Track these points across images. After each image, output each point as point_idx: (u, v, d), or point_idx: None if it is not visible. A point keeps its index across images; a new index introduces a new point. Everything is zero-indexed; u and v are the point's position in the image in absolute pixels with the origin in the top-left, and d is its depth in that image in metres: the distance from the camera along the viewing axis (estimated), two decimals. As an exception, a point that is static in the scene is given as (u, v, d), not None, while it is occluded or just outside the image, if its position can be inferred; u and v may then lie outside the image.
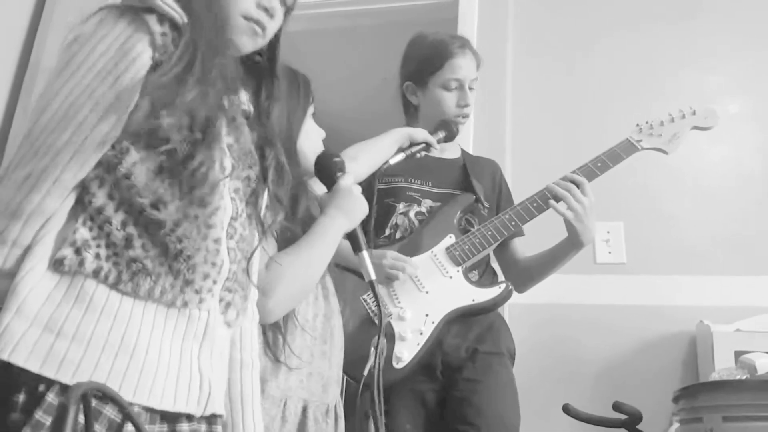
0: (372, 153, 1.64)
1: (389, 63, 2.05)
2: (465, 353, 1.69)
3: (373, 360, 1.16)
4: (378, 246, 1.59)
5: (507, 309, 2.03)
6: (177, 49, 0.91)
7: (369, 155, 1.62)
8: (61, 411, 0.80)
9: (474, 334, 1.71)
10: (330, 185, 1.31)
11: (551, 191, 1.73)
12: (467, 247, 1.73)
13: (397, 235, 1.77)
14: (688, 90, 2.36)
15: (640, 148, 1.81)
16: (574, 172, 1.76)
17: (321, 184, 1.34)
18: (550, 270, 1.84)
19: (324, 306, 1.34)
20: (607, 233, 2.25)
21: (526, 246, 1.92)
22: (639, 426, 1.51)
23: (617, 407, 1.52)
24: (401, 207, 1.80)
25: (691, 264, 2.18)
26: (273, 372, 1.22)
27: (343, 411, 1.38)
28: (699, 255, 2.19)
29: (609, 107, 2.40)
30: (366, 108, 3.46)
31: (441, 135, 1.78)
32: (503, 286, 1.70)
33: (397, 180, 1.81)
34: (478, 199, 1.83)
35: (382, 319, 1.19)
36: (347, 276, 1.48)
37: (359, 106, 3.61)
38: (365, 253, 1.24)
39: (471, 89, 1.85)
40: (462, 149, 2.00)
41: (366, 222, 1.31)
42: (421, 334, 1.63)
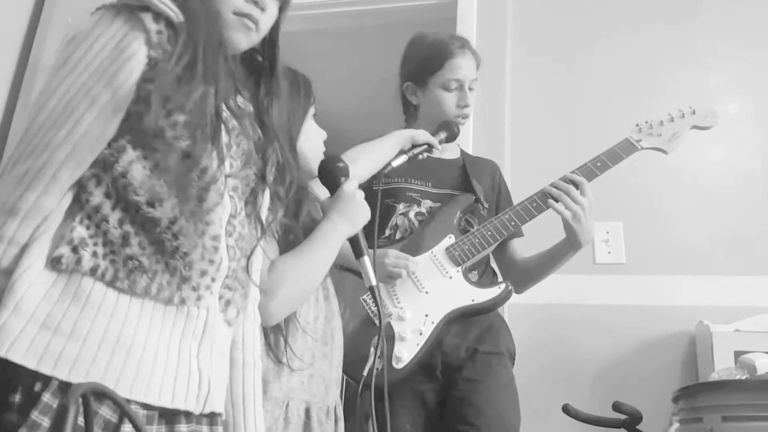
0: (373, 155, 1.64)
1: (388, 63, 2.05)
2: (465, 353, 1.69)
3: (373, 360, 1.16)
4: (378, 246, 1.58)
5: (506, 309, 2.03)
6: (175, 48, 0.91)
7: (370, 157, 1.62)
8: (61, 412, 0.80)
9: (474, 334, 1.71)
10: (333, 190, 1.31)
11: (549, 192, 1.73)
12: (467, 248, 1.73)
13: (397, 236, 1.77)
14: (688, 90, 2.36)
15: (639, 147, 1.81)
16: (573, 172, 1.76)
17: (321, 185, 1.34)
18: (548, 270, 1.84)
19: (325, 308, 1.34)
20: (607, 233, 2.25)
21: (525, 246, 1.92)
22: (639, 426, 1.51)
23: (617, 407, 1.53)
24: (401, 207, 1.80)
25: (691, 264, 2.18)
26: (275, 373, 1.22)
27: (343, 412, 1.38)
28: (698, 255, 2.19)
29: (609, 107, 2.40)
30: (366, 108, 3.46)
31: (442, 136, 1.78)
32: (503, 286, 1.70)
33: (397, 180, 1.81)
34: (477, 200, 1.83)
35: (382, 323, 1.19)
36: (347, 276, 1.48)
37: (359, 106, 3.61)
38: (366, 259, 1.24)
39: (471, 89, 1.85)
40: (461, 149, 2.00)
41: (370, 224, 1.32)
42: (421, 334, 1.63)
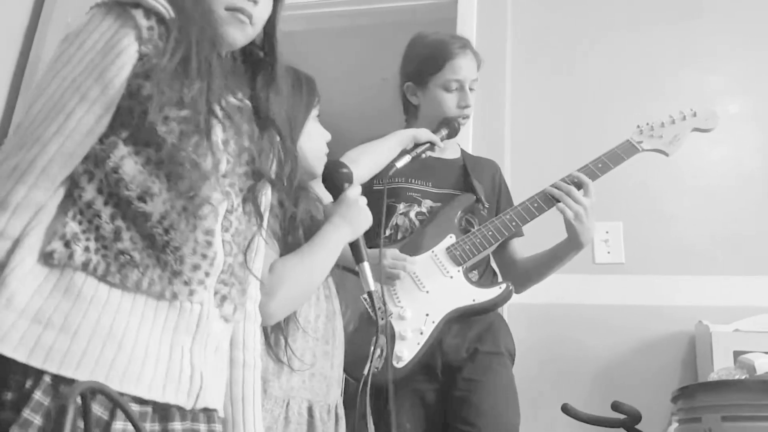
0: (374, 155, 1.64)
1: (389, 63, 2.05)
2: (465, 353, 1.69)
3: (374, 360, 1.16)
4: (378, 247, 1.59)
5: (506, 309, 2.02)
6: (167, 44, 0.92)
7: (371, 157, 1.62)
8: (60, 411, 0.80)
9: (474, 333, 1.71)
10: (337, 195, 1.32)
11: (551, 192, 1.73)
12: (468, 247, 1.73)
13: (398, 236, 1.77)
14: (688, 90, 2.37)
15: (640, 149, 1.81)
16: (576, 172, 1.75)
17: (322, 186, 1.35)
18: (548, 271, 1.84)
19: (326, 306, 1.34)
20: (606, 233, 2.25)
21: (524, 246, 1.92)
22: (638, 426, 1.51)
23: (616, 407, 1.53)
24: (401, 207, 1.79)
25: (690, 264, 2.18)
26: (275, 372, 1.22)
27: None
28: (698, 255, 2.19)
29: (608, 107, 2.40)
30: (366, 108, 3.46)
31: (444, 133, 1.78)
32: (504, 286, 1.71)
33: (398, 180, 1.80)
34: (478, 200, 1.83)
35: (379, 327, 1.19)
36: (348, 276, 1.48)
37: (359, 106, 3.61)
38: (366, 265, 1.26)
39: (471, 90, 1.84)
40: (462, 149, 2.00)
41: (374, 224, 1.33)
42: (422, 333, 1.63)
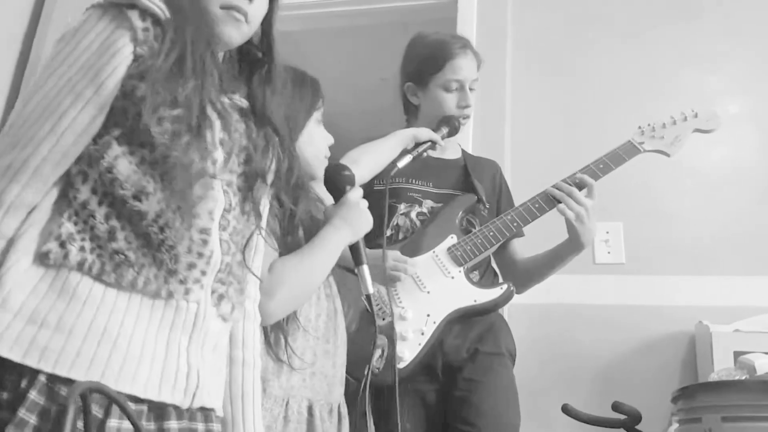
0: (375, 155, 1.64)
1: (388, 63, 2.05)
2: (466, 353, 1.68)
3: (374, 361, 1.16)
4: (379, 247, 1.58)
5: (507, 309, 2.02)
6: (163, 45, 0.92)
7: (372, 157, 1.62)
8: (60, 411, 0.80)
9: (475, 334, 1.71)
10: (338, 197, 1.32)
11: (552, 193, 1.73)
12: (469, 248, 1.73)
13: (399, 236, 1.77)
14: (688, 90, 2.37)
15: (642, 150, 1.81)
16: (577, 173, 1.76)
17: (322, 186, 1.35)
18: (549, 271, 1.84)
19: (326, 305, 1.34)
20: (607, 233, 2.25)
21: (524, 247, 1.92)
22: (638, 426, 1.52)
23: (616, 407, 1.53)
24: (402, 208, 1.79)
25: (690, 264, 2.19)
26: (275, 371, 1.22)
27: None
28: (698, 255, 2.19)
29: (608, 107, 2.40)
30: (365, 108, 3.46)
31: (444, 131, 1.78)
32: (505, 287, 1.70)
33: (398, 181, 1.80)
34: (479, 200, 1.83)
35: (381, 329, 1.19)
36: (349, 275, 1.48)
37: (358, 106, 3.61)
38: (365, 267, 1.26)
39: (471, 90, 1.84)
40: (462, 149, 2.00)
41: (379, 228, 1.33)
42: (423, 334, 1.63)
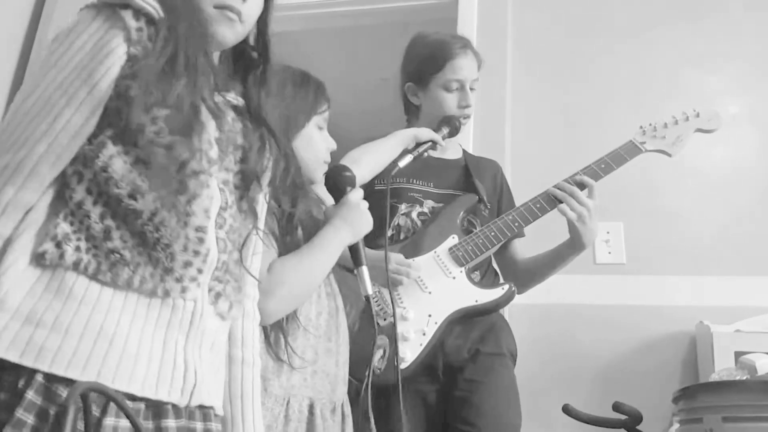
0: (376, 155, 1.64)
1: (388, 63, 2.04)
2: (467, 354, 1.68)
3: (376, 361, 1.16)
4: (380, 247, 1.58)
5: (507, 309, 2.02)
6: (156, 44, 0.92)
7: (372, 157, 1.62)
8: (61, 412, 0.80)
9: (476, 334, 1.71)
10: (338, 198, 1.32)
11: (554, 193, 1.73)
12: (470, 248, 1.72)
13: (401, 236, 1.77)
14: (688, 90, 2.37)
15: (643, 150, 1.81)
16: (579, 173, 1.76)
17: (325, 189, 1.35)
18: (550, 271, 1.84)
19: (327, 304, 1.34)
20: (607, 233, 2.25)
21: (524, 247, 1.92)
22: (639, 426, 1.51)
23: (617, 408, 1.53)
24: (403, 208, 1.79)
25: (691, 264, 2.18)
26: (275, 370, 1.22)
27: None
28: (699, 255, 2.19)
29: (608, 107, 2.40)
30: (365, 108, 3.46)
31: (445, 131, 1.78)
32: (506, 287, 1.70)
33: (399, 181, 1.79)
34: (481, 200, 1.82)
35: (381, 330, 1.19)
36: (349, 276, 1.48)
37: (359, 106, 3.61)
38: (365, 269, 1.26)
39: (472, 90, 1.84)
40: (463, 149, 2.00)
41: (379, 228, 1.33)
42: (424, 334, 1.63)
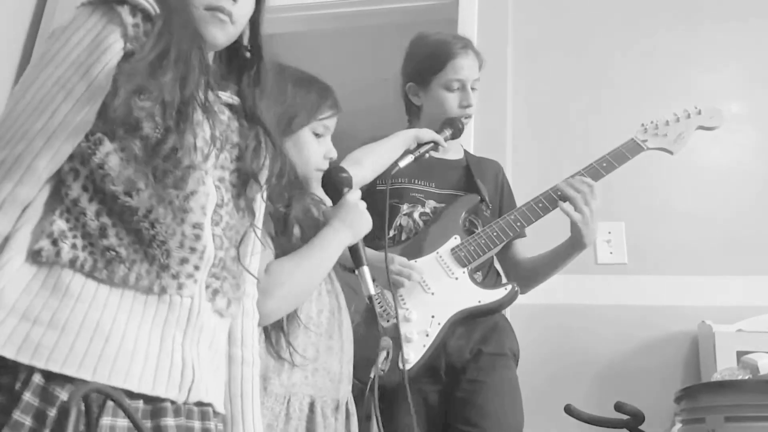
0: (377, 156, 1.64)
1: (389, 64, 2.04)
2: (469, 354, 1.68)
3: (380, 362, 1.16)
4: (382, 248, 1.58)
5: (508, 309, 2.02)
6: (149, 38, 0.93)
7: (374, 158, 1.62)
8: (63, 413, 0.80)
9: (478, 335, 1.71)
10: (336, 200, 1.32)
11: (560, 192, 1.72)
12: (473, 248, 1.72)
13: (402, 237, 1.76)
14: (688, 89, 2.37)
15: (645, 148, 1.81)
16: (580, 173, 1.75)
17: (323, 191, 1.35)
18: (551, 271, 1.84)
19: (328, 302, 1.34)
20: (609, 233, 2.25)
21: (525, 247, 1.92)
22: (641, 426, 1.51)
23: (619, 408, 1.52)
24: (405, 208, 1.79)
25: (693, 264, 2.18)
26: (276, 369, 1.22)
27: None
28: (700, 255, 2.19)
29: (609, 107, 2.40)
30: (366, 108, 3.45)
31: (447, 133, 1.78)
32: (509, 287, 1.70)
33: (401, 181, 1.79)
34: (482, 200, 1.82)
35: (385, 331, 1.19)
36: (351, 276, 1.48)
37: (360, 106, 3.59)
38: (365, 269, 1.26)
39: (473, 89, 1.84)
40: (465, 150, 1.99)
41: (376, 226, 1.32)
42: (427, 335, 1.63)
